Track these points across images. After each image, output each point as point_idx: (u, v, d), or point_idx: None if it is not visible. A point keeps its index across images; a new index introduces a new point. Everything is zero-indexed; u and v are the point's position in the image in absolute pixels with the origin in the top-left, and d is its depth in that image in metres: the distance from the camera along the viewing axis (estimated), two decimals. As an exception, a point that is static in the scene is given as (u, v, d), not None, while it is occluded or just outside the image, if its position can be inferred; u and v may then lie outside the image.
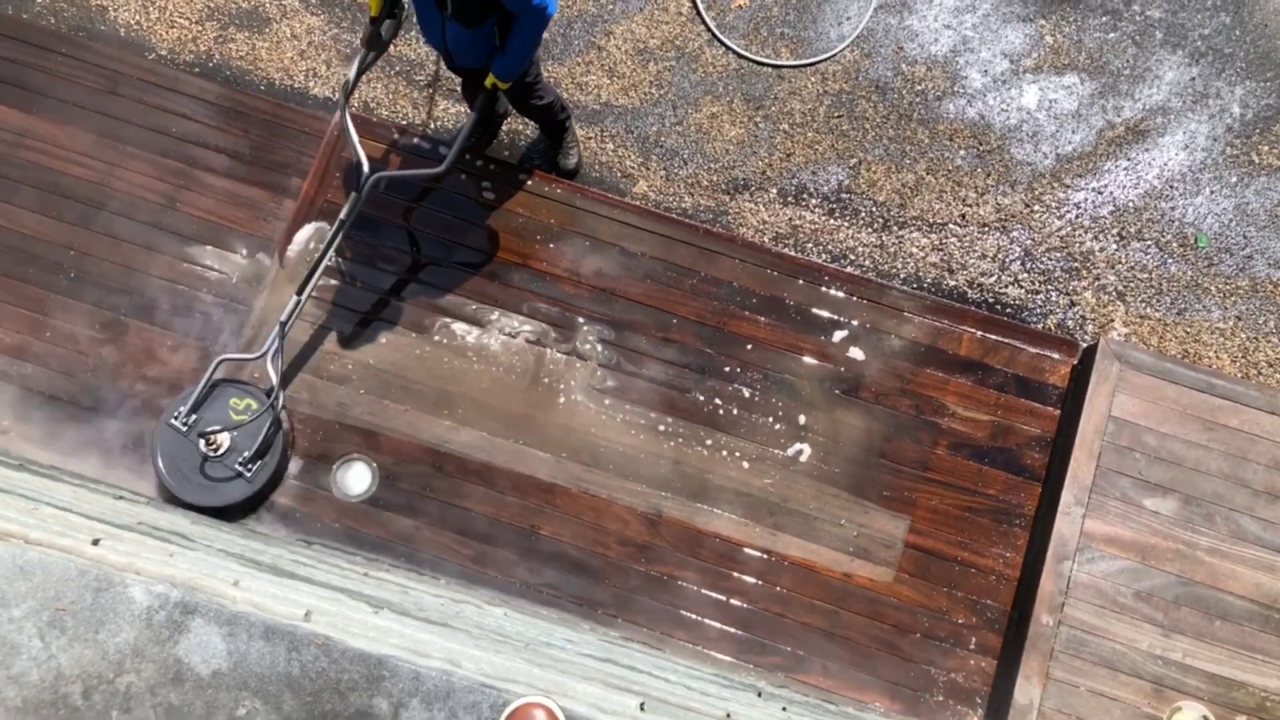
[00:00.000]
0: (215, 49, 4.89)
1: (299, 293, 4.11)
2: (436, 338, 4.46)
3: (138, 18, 4.90)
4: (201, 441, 4.11)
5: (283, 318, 4.10)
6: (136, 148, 4.63)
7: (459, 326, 4.48)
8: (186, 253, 4.53)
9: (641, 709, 1.98)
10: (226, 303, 4.49)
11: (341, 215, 4.12)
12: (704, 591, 4.24)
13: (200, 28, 4.92)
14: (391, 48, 4.93)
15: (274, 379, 4.09)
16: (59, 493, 2.71)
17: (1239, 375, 4.53)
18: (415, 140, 4.68)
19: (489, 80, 3.92)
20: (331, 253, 4.16)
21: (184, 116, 4.68)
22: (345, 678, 1.87)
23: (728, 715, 2.23)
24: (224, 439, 4.14)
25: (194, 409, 4.16)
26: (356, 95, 4.85)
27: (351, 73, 4.00)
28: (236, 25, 4.94)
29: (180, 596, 1.84)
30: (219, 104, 4.70)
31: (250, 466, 4.14)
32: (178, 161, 4.63)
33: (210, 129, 4.67)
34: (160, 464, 4.12)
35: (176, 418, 4.15)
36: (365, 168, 4.06)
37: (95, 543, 1.98)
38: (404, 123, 4.81)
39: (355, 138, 4.06)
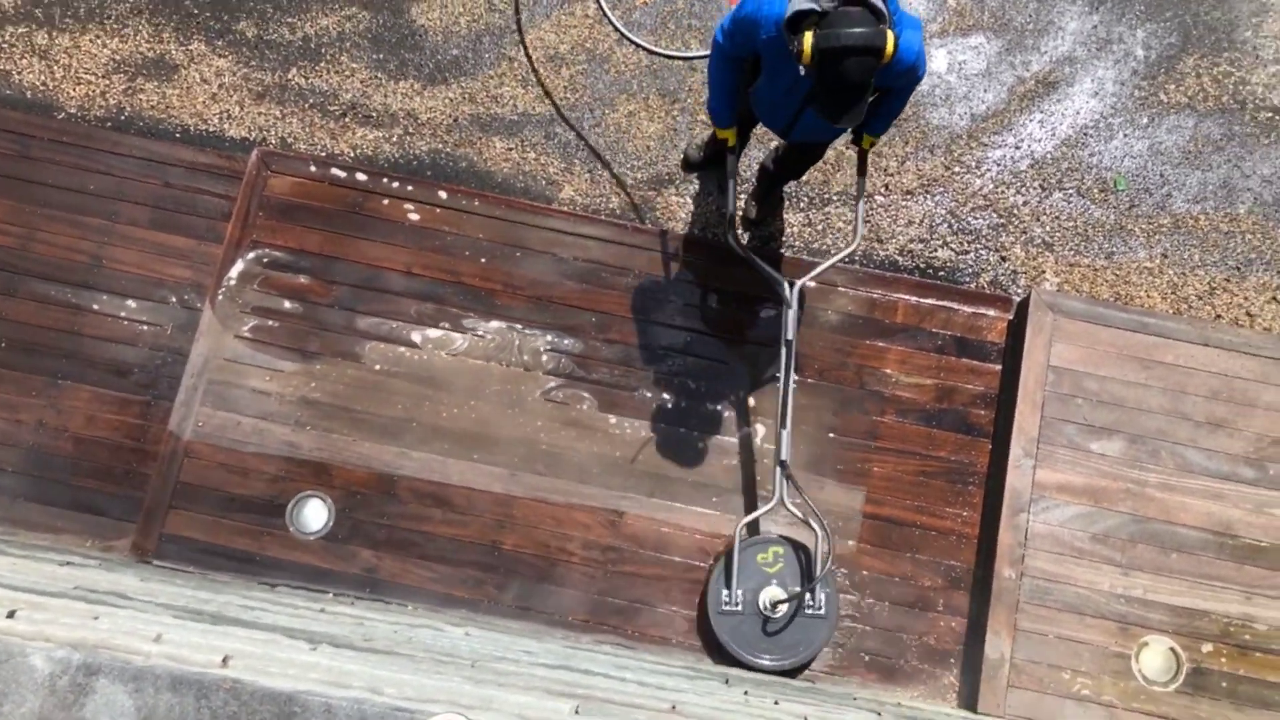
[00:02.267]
0: (125, 101, 4.86)
1: (781, 425, 4.04)
2: (377, 365, 4.46)
3: (43, 78, 4.86)
4: (766, 604, 4.05)
5: (783, 457, 4.03)
6: (55, 209, 4.59)
7: (399, 351, 4.48)
8: (118, 309, 4.50)
9: (575, 712, 1.99)
10: (163, 354, 4.46)
11: (788, 336, 4.05)
12: (672, 585, 4.26)
13: (108, 81, 4.89)
14: (302, 80, 4.92)
15: (804, 515, 4.04)
16: (-5, 566, 2.71)
17: (1170, 311, 4.60)
18: (332, 170, 4.66)
19: (866, 142, 3.89)
20: (793, 379, 4.09)
21: (101, 173, 4.65)
22: (256, 719, 1.87)
23: (673, 707, 2.25)
24: (784, 604, 4.07)
25: (737, 584, 4.09)
26: (274, 132, 4.83)
27: (729, 207, 4.01)
28: (144, 75, 4.91)
29: (82, 659, 1.83)
30: (135, 156, 4.67)
31: (818, 605, 4.07)
32: (99, 218, 4.60)
33: (129, 182, 4.64)
34: (743, 654, 4.02)
35: (727, 603, 4.07)
36: (785, 284, 4.06)
37: (10, 615, 1.97)
38: (324, 154, 4.81)
39: (762, 264, 4.11)
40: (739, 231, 4.63)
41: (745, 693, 2.83)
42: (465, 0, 5.02)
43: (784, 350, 4.05)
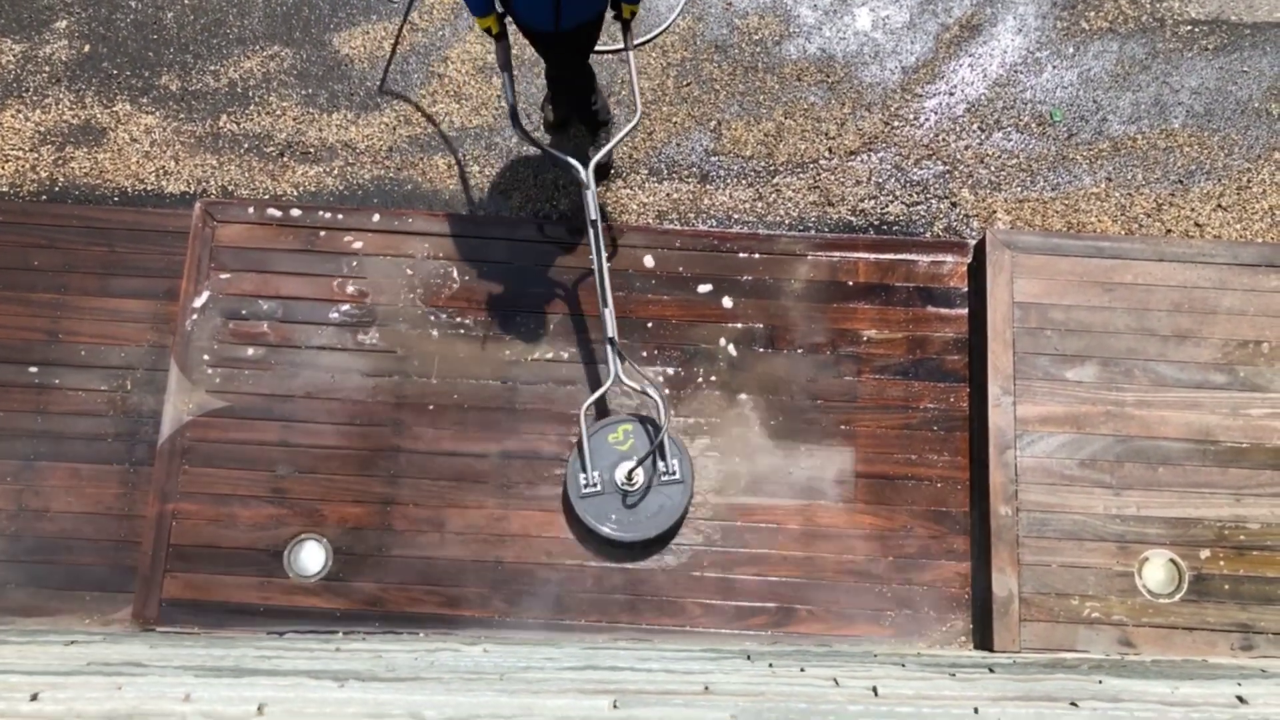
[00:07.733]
0: (57, 172, 4.79)
1: (603, 304, 4.14)
2: (353, 398, 4.42)
3: (-31, 161, 4.78)
4: (621, 478, 4.18)
5: (610, 334, 4.14)
6: (1, 289, 4.51)
7: (372, 381, 4.45)
8: (82, 381, 4.44)
9: (614, 706, 2.00)
10: (135, 419, 4.40)
11: (592, 216, 4.11)
12: (677, 572, 4.28)
13: (36, 154, 4.81)
14: (234, 125, 4.87)
15: (641, 386, 4.18)
16: (1, 655, 2.66)
17: (1122, 233, 4.69)
18: (278, 211, 4.61)
19: (626, 10, 3.98)
20: (605, 255, 4.17)
21: (43, 246, 4.58)
22: (301, 763, 1.87)
23: (705, 688, 2.26)
24: (639, 473, 4.20)
25: (592, 466, 4.20)
26: (214, 181, 4.78)
27: (509, 97, 4.07)
28: (73, 143, 4.83)
29: (119, 729, 1.82)
30: (75, 225, 4.60)
31: (670, 470, 4.20)
32: (49, 293, 4.53)
33: (74, 252, 4.57)
34: (606, 530, 4.17)
35: (587, 485, 4.19)
36: (580, 167, 4.13)
37: (33, 698, 1.94)
38: (267, 197, 4.76)
39: (553, 150, 4.18)
40: (539, 126, 4.64)
41: (770, 665, 2.85)
42: (386, 24, 4.99)
43: (591, 231, 4.16)
